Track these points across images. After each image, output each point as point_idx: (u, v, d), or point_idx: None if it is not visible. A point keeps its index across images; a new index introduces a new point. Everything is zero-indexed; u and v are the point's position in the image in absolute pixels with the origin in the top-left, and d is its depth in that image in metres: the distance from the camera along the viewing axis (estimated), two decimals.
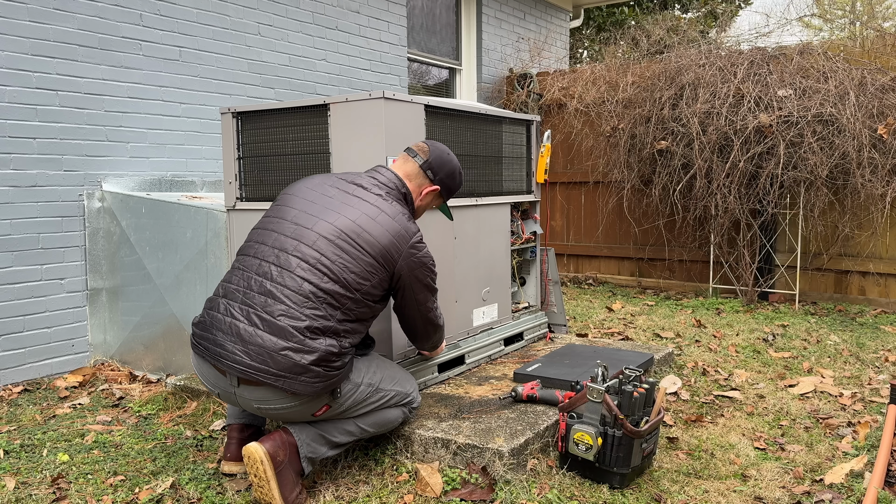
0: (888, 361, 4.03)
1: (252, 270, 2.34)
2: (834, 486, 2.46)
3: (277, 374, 2.19)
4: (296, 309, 2.23)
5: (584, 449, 2.44)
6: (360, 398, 2.41)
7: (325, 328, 2.26)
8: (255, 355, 2.20)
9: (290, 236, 2.35)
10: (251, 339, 2.21)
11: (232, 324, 2.26)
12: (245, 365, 2.20)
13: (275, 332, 2.21)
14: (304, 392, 2.23)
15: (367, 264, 2.34)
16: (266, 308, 2.24)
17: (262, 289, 2.28)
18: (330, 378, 2.26)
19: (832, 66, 5.30)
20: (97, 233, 4.02)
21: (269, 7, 5.01)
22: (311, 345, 2.21)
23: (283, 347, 2.19)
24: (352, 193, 2.46)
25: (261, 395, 2.26)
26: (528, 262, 4.16)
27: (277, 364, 2.19)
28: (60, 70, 3.88)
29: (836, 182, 5.36)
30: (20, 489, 2.47)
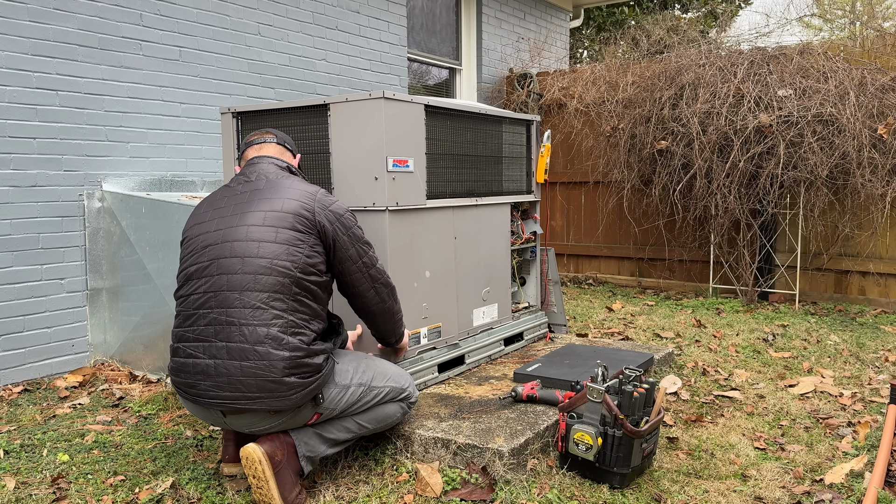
0: (888, 361, 4.03)
1: (194, 307, 2.30)
2: (834, 486, 2.46)
3: (253, 398, 2.19)
4: (247, 324, 2.21)
5: (584, 449, 2.44)
6: (352, 400, 2.41)
7: (284, 327, 2.22)
8: (227, 385, 2.20)
9: (214, 260, 2.31)
10: (217, 373, 2.21)
11: (195, 364, 2.26)
12: (221, 398, 2.21)
13: (235, 357, 2.20)
14: (284, 407, 2.22)
15: (291, 237, 2.30)
16: (220, 336, 2.23)
17: (210, 320, 2.26)
18: (307, 385, 2.24)
19: (832, 66, 5.30)
20: (97, 233, 4.02)
21: (269, 7, 5.01)
22: (273, 355, 2.19)
23: (249, 369, 2.19)
24: (240, 193, 2.43)
25: (247, 420, 2.27)
26: (528, 262, 4.16)
27: (249, 387, 2.18)
28: (60, 70, 3.88)
29: (836, 182, 5.36)
30: (20, 489, 2.47)
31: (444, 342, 3.30)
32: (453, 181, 3.35)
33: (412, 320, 3.10)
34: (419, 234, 3.12)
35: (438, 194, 3.24)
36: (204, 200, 2.54)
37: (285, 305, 2.24)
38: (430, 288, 3.19)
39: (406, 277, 3.05)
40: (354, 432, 2.47)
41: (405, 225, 3.04)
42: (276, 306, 2.23)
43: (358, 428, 2.47)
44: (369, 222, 2.98)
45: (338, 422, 2.42)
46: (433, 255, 3.21)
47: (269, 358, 2.18)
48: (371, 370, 2.50)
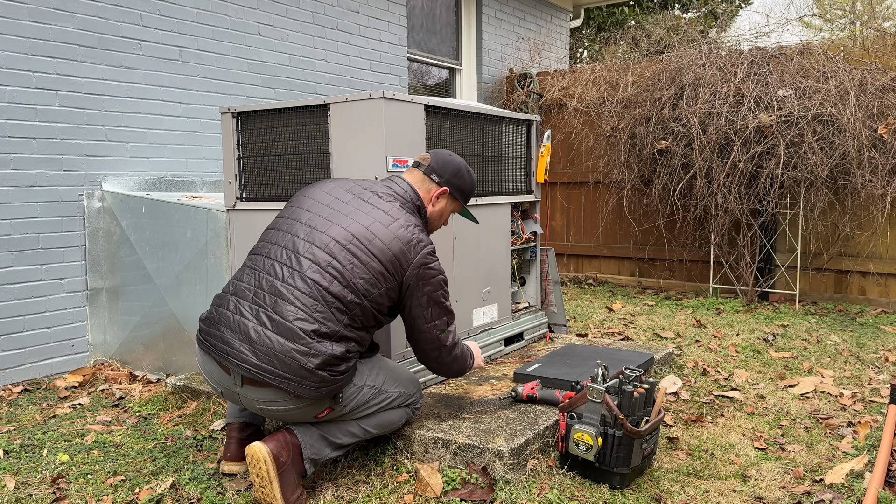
0: (888, 361, 4.03)
1: (263, 270, 2.34)
2: (834, 486, 2.46)
3: (282, 376, 2.19)
4: (305, 311, 2.23)
5: (584, 449, 2.43)
6: (362, 400, 2.41)
7: (333, 332, 2.25)
8: (262, 355, 2.20)
9: (303, 238, 2.36)
10: (259, 339, 2.21)
11: (241, 322, 2.26)
12: (251, 364, 2.20)
13: (282, 334, 2.21)
14: (307, 395, 2.23)
15: (377, 271, 2.33)
16: (276, 308, 2.24)
17: (273, 289, 2.28)
18: (334, 383, 2.26)
19: (832, 65, 5.30)
20: (97, 233, 4.02)
21: (269, 7, 5.01)
22: (317, 348, 2.21)
23: (290, 349, 2.19)
24: (366, 200, 2.46)
25: (264, 395, 2.26)
26: (528, 262, 4.16)
27: (283, 365, 2.19)
28: (60, 70, 3.88)
29: (836, 182, 5.36)
30: (20, 489, 2.47)
31: None
32: None
33: None
34: None
35: None
36: (339, 181, 2.59)
37: (344, 319, 2.29)
38: None
39: None
40: (359, 437, 2.47)
41: None
42: (335, 315, 2.27)
43: (363, 433, 2.47)
44: None
45: (343, 425, 2.42)
46: None
47: (311, 348, 2.20)
48: (384, 373, 2.50)
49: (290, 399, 2.25)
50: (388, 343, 2.96)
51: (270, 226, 2.50)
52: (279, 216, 2.51)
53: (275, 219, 2.52)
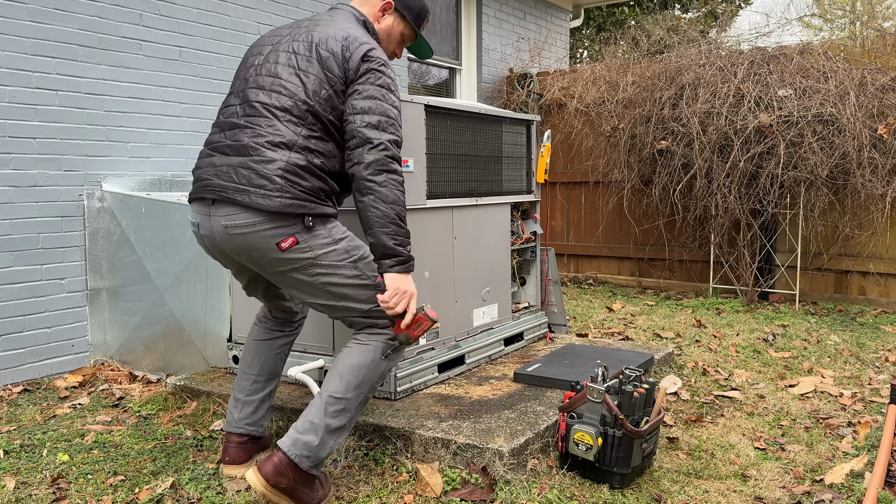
0: (888, 361, 4.03)
1: (223, 118, 2.36)
2: (834, 486, 2.46)
3: (238, 188, 2.18)
4: (258, 129, 2.23)
5: (584, 449, 2.43)
6: (333, 263, 2.24)
7: (290, 142, 2.21)
8: (223, 174, 2.23)
9: (248, 76, 2.37)
10: (221, 164, 2.25)
11: (209, 161, 2.30)
12: (213, 185, 2.23)
13: (239, 152, 2.23)
14: (264, 206, 2.15)
15: (317, 71, 2.27)
16: (233, 137, 2.26)
17: (229, 124, 2.30)
18: (296, 197, 2.18)
19: (832, 65, 5.30)
20: (97, 233, 4.02)
21: (269, 7, 5.01)
22: (271, 155, 2.19)
23: (247, 161, 2.20)
24: (303, 26, 2.43)
25: (227, 210, 2.22)
26: (528, 262, 4.16)
27: (240, 177, 2.19)
28: (60, 70, 3.88)
29: (836, 182, 5.36)
30: (20, 489, 2.47)
31: (443, 342, 3.30)
32: (453, 181, 3.35)
33: None
34: (419, 234, 3.12)
35: (438, 194, 3.24)
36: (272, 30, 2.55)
37: (301, 130, 2.23)
38: (429, 288, 3.19)
39: None
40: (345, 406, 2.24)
41: None
42: (289, 127, 2.23)
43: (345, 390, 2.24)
44: None
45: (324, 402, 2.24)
46: (433, 255, 3.21)
47: (265, 156, 2.19)
48: (364, 259, 2.31)
49: (250, 212, 2.18)
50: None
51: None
52: (234, 76, 2.50)
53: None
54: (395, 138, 2.24)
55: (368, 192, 2.18)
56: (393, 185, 2.19)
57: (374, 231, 2.19)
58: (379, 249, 2.20)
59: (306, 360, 3.19)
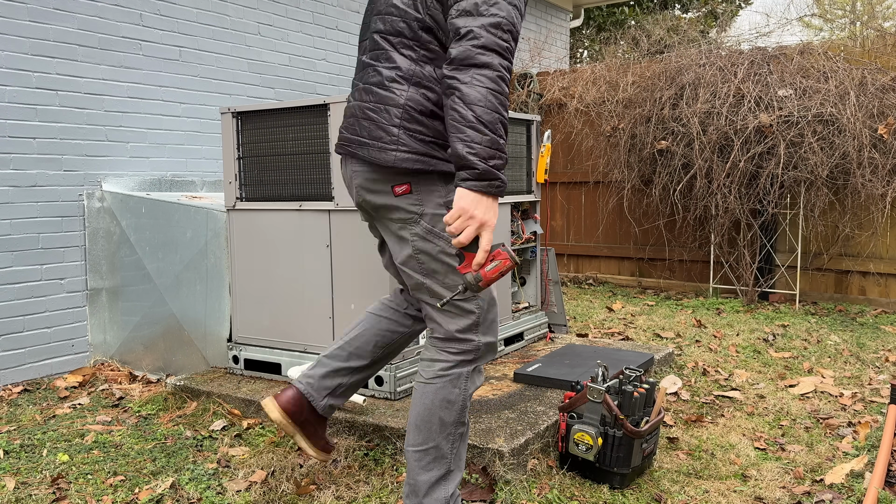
0: (888, 361, 4.03)
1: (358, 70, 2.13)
2: (834, 486, 2.46)
3: (359, 141, 1.97)
4: (379, 65, 1.96)
5: (584, 449, 2.43)
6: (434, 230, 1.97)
7: (408, 74, 1.92)
8: (349, 126, 2.03)
9: (368, 9, 2.13)
10: (349, 113, 2.05)
11: (347, 108, 2.10)
12: (342, 140, 2.04)
13: (362, 98, 2.00)
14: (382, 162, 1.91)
15: None
16: (362, 80, 2.02)
17: (362, 64, 2.07)
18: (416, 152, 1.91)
19: (832, 65, 5.30)
20: (97, 233, 4.02)
21: (269, 7, 5.01)
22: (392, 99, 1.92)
23: (364, 109, 1.97)
24: None
25: (355, 167, 2.03)
26: (528, 262, 4.16)
27: (360, 127, 1.98)
28: (60, 70, 3.88)
29: (836, 182, 5.36)
30: (20, 489, 2.47)
31: None
32: None
33: None
34: None
35: None
36: None
37: (414, 54, 1.94)
38: None
39: None
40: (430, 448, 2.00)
41: None
42: (404, 52, 1.95)
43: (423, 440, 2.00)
44: None
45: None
46: None
47: (384, 102, 1.93)
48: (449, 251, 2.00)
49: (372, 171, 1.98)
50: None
51: None
52: None
53: None
54: (494, 20, 1.75)
55: (450, 93, 1.77)
56: (479, 82, 1.73)
57: (450, 139, 1.78)
58: (455, 161, 1.79)
59: (306, 360, 3.19)
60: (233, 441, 2.86)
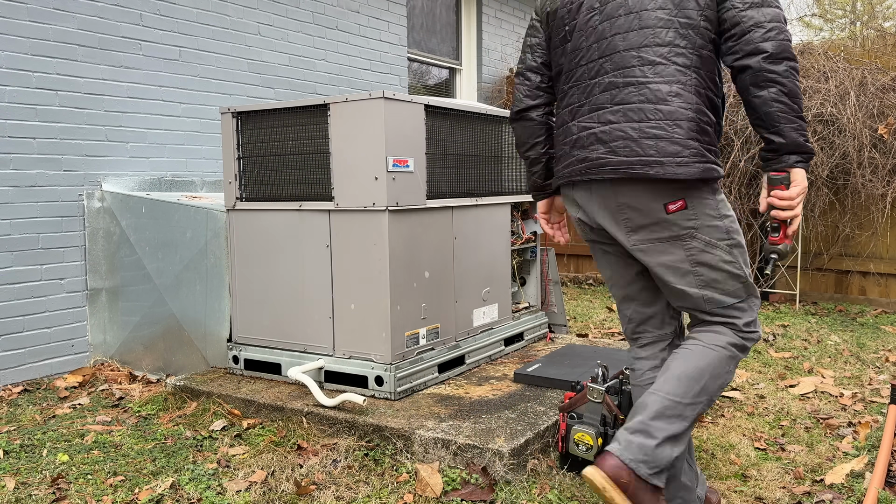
0: (888, 361, 4.03)
1: (584, 80, 2.03)
2: (834, 486, 2.46)
3: (649, 162, 1.90)
4: (644, 78, 1.93)
5: (584, 449, 2.43)
6: (711, 241, 1.97)
7: (686, 86, 1.92)
8: (619, 150, 1.93)
9: (598, 30, 2.02)
10: (611, 137, 1.95)
11: (588, 135, 2.00)
12: (613, 165, 1.93)
13: (629, 118, 1.93)
14: (683, 176, 1.87)
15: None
16: (614, 101, 1.96)
17: (603, 85, 1.99)
18: (707, 160, 1.90)
19: (832, 65, 5.29)
20: (97, 233, 4.02)
21: (269, 7, 5.01)
22: (679, 114, 1.90)
23: (640, 124, 1.91)
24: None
25: (631, 196, 1.96)
26: (528, 262, 4.16)
27: (642, 147, 1.90)
28: (60, 70, 3.88)
29: (836, 182, 5.36)
30: (20, 489, 2.47)
31: (443, 342, 3.30)
32: (453, 181, 3.35)
33: (411, 320, 3.10)
34: (419, 234, 3.12)
35: (438, 194, 3.24)
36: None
37: (688, 61, 1.93)
38: (429, 288, 3.19)
39: (406, 278, 3.05)
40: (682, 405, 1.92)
41: (405, 225, 3.04)
42: (677, 62, 1.93)
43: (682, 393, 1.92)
44: (369, 222, 2.98)
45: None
46: (433, 256, 3.21)
47: (672, 117, 1.91)
48: (741, 244, 2.03)
49: (657, 193, 1.92)
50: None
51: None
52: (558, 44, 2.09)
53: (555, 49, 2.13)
54: (780, 12, 1.89)
55: (770, 84, 1.86)
56: (793, 74, 1.87)
57: (779, 128, 1.87)
58: (786, 147, 1.88)
59: (306, 360, 3.19)
60: (233, 441, 2.86)
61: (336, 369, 3.12)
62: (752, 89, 1.89)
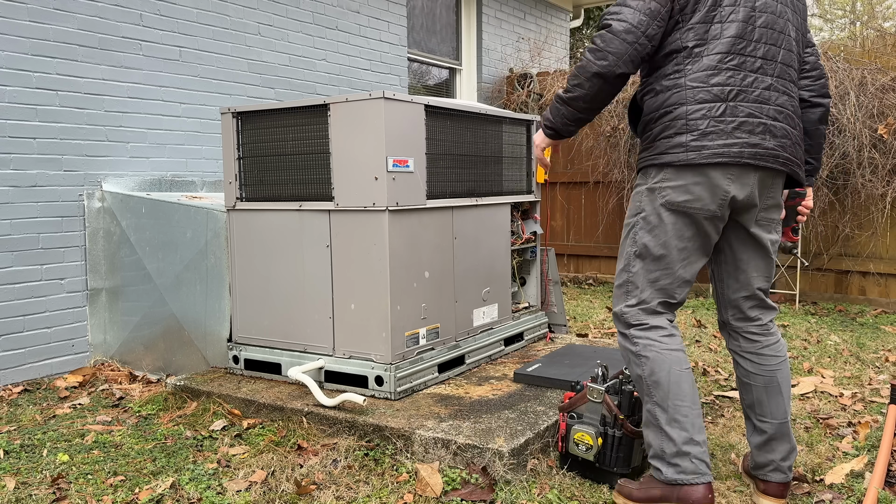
0: (888, 361, 4.03)
1: (749, 69, 2.12)
2: (834, 486, 2.46)
3: (798, 163, 2.22)
4: (793, 96, 2.21)
5: (584, 449, 2.43)
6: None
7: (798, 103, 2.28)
8: (789, 146, 2.18)
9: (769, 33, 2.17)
10: (783, 133, 2.16)
11: (759, 123, 2.12)
12: (784, 158, 2.17)
13: (790, 123, 2.19)
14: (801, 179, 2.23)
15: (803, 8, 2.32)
16: (777, 101, 2.17)
17: (767, 85, 2.15)
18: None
19: (832, 66, 5.29)
20: (97, 233, 4.02)
21: (269, 7, 5.01)
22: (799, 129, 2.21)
23: (796, 136, 2.20)
24: None
25: (776, 182, 2.22)
26: (528, 262, 4.16)
27: (796, 154, 2.20)
28: (60, 70, 3.88)
29: (836, 182, 5.36)
30: (20, 489, 2.47)
31: (443, 342, 3.30)
32: (453, 181, 3.35)
33: (411, 320, 3.10)
34: (419, 234, 3.12)
35: (438, 194, 3.24)
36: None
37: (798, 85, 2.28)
38: (429, 288, 3.19)
39: (406, 278, 3.05)
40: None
41: (405, 225, 3.04)
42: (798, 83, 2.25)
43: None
44: (369, 222, 2.98)
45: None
46: (433, 255, 3.21)
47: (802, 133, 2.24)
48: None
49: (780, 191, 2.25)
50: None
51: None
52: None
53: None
54: None
55: (826, 122, 2.36)
56: None
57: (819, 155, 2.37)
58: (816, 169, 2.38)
59: (306, 360, 3.19)
60: (233, 441, 2.86)
61: (336, 369, 3.12)
62: (817, 122, 2.33)
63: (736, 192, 2.11)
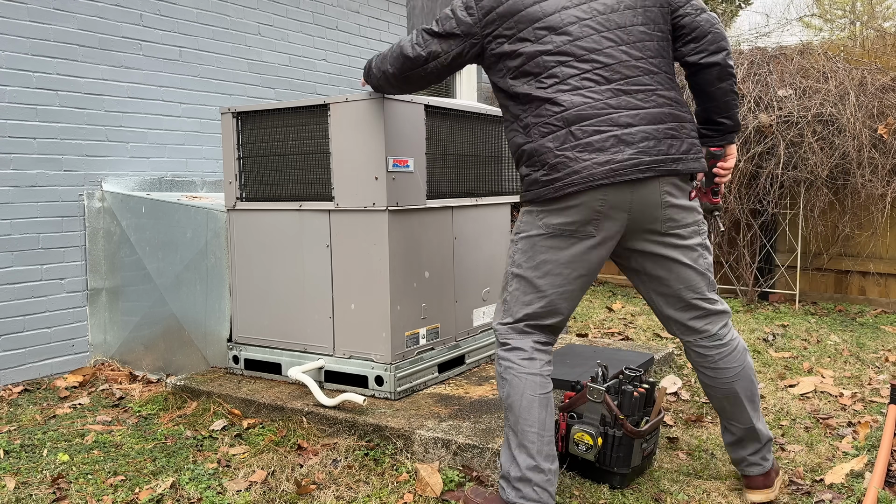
0: (888, 361, 4.03)
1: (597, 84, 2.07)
2: (834, 486, 2.46)
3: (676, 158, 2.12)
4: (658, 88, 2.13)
5: (584, 449, 2.44)
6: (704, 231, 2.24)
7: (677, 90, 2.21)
8: (649, 150, 2.07)
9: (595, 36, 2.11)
10: (637, 138, 2.08)
11: (600, 139, 2.05)
12: (645, 164, 2.07)
13: (652, 120, 2.09)
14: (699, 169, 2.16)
15: None
16: (628, 106, 2.08)
17: (611, 91, 2.08)
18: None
19: (832, 66, 5.30)
20: (97, 233, 4.02)
21: (269, 7, 5.01)
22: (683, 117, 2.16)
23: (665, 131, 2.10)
24: None
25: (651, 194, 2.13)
26: None
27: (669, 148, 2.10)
28: (60, 70, 3.88)
29: (836, 182, 5.36)
30: (20, 489, 2.47)
31: (443, 342, 3.30)
32: (453, 181, 3.35)
33: (411, 320, 3.10)
34: (419, 234, 3.12)
35: (438, 194, 3.24)
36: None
37: (669, 69, 2.16)
38: (429, 288, 3.19)
39: (406, 278, 3.06)
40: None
41: (405, 225, 3.04)
42: (665, 69, 2.13)
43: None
44: (369, 222, 2.98)
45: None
46: (433, 256, 3.22)
47: (679, 120, 2.11)
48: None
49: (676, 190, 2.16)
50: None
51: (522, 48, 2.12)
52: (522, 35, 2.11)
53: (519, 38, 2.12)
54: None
55: (728, 78, 2.18)
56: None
57: (731, 114, 2.23)
58: (731, 127, 2.25)
59: (306, 360, 3.19)
60: (233, 441, 2.86)
61: (336, 369, 3.12)
62: (714, 82, 2.17)
63: (610, 213, 2.07)
